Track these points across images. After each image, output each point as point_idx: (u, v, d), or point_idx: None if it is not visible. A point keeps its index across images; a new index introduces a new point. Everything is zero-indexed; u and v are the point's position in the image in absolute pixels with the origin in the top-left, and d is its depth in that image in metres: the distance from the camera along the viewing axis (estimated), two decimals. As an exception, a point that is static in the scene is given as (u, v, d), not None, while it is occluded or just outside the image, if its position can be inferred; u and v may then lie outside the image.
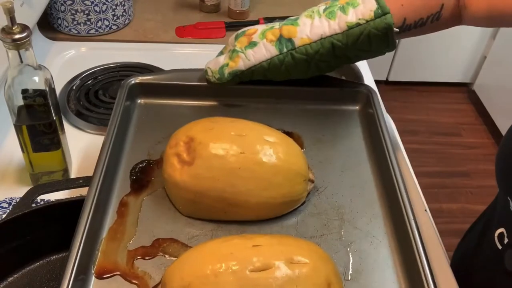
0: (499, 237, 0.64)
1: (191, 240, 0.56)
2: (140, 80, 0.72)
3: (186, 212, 0.58)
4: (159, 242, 0.55)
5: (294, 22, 0.67)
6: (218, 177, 0.55)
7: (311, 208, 0.60)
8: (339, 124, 0.72)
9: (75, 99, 0.93)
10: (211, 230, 0.57)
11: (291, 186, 0.58)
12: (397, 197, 0.59)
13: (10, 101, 0.65)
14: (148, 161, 0.64)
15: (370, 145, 0.69)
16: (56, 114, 0.69)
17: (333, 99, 0.74)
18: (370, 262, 0.55)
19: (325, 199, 0.61)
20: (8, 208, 0.70)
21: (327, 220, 0.59)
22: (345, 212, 0.60)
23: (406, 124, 2.50)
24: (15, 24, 0.61)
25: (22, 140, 0.69)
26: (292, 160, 0.58)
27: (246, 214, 0.58)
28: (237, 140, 0.57)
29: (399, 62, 2.63)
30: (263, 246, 0.49)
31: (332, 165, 0.66)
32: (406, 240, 0.55)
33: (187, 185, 0.56)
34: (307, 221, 0.59)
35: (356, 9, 0.64)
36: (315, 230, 0.58)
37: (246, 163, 0.56)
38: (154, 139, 0.67)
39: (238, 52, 0.68)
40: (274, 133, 0.60)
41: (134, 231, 0.56)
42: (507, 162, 0.62)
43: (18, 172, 0.77)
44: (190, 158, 0.56)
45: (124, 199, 0.59)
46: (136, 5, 1.24)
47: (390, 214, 0.60)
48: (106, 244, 0.54)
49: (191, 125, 0.61)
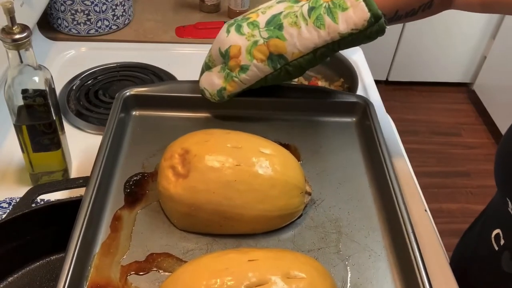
0: (495, 238, 0.64)
1: (186, 254, 0.55)
2: (135, 92, 0.71)
3: (181, 226, 0.57)
4: (153, 256, 0.54)
5: (279, 35, 0.62)
6: (214, 190, 0.55)
7: (308, 221, 0.59)
8: (336, 136, 0.71)
9: (75, 99, 0.93)
10: (207, 244, 0.56)
11: (288, 199, 0.57)
12: (395, 210, 0.58)
13: (10, 101, 0.65)
14: (142, 174, 0.63)
15: (368, 157, 0.68)
16: (56, 114, 0.69)
17: (330, 110, 0.74)
18: (368, 277, 0.54)
19: (322, 212, 0.61)
20: (8, 208, 0.70)
21: (325, 233, 0.58)
22: (342, 225, 0.59)
23: (406, 124, 2.50)
24: (15, 24, 0.61)
25: (22, 140, 0.69)
26: (289, 173, 0.57)
27: (242, 227, 0.57)
28: (233, 152, 0.56)
29: (399, 62, 2.63)
30: (259, 261, 0.48)
31: (329, 177, 0.65)
32: (405, 254, 0.54)
33: (182, 198, 0.55)
34: (304, 234, 0.58)
35: (346, 15, 0.60)
36: (313, 243, 0.57)
37: (242, 175, 0.55)
38: (149, 152, 0.66)
39: (232, 77, 0.66)
40: (270, 145, 0.60)
41: (128, 246, 0.55)
42: (506, 162, 0.62)
43: (18, 172, 0.77)
44: (185, 171, 0.55)
45: (118, 213, 0.58)
46: (136, 5, 1.24)
47: (389, 227, 0.59)
48: (99, 259, 0.53)
49: (186, 137, 0.60)
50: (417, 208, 0.76)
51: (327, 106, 0.74)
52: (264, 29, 0.63)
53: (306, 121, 0.73)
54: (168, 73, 1.02)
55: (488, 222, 0.70)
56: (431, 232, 0.73)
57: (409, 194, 0.78)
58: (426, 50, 2.57)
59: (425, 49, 2.56)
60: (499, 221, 0.64)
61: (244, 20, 0.65)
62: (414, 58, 2.61)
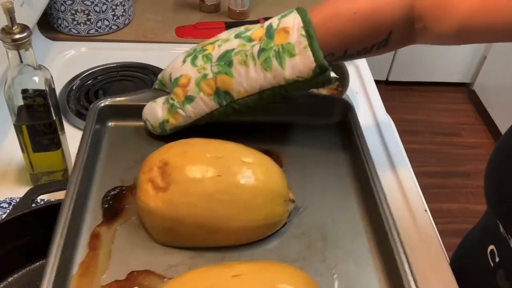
0: (491, 254, 0.64)
1: (168, 270, 0.53)
2: (109, 103, 0.69)
3: (162, 241, 0.55)
4: (134, 275, 0.52)
5: (228, 71, 0.61)
6: (195, 202, 0.53)
7: (293, 229, 0.58)
8: (318, 140, 0.70)
9: (75, 99, 0.93)
10: (190, 258, 0.54)
11: (272, 208, 0.55)
12: (379, 214, 0.57)
13: (10, 101, 0.65)
14: (121, 187, 0.61)
15: (350, 160, 0.67)
16: (56, 114, 0.69)
17: (311, 114, 0.72)
18: (355, 285, 0.53)
19: (306, 219, 0.59)
20: (8, 208, 0.70)
21: (310, 241, 0.57)
22: (328, 231, 0.58)
23: (406, 124, 2.50)
24: (15, 24, 0.61)
25: (22, 140, 0.69)
26: (271, 181, 0.56)
27: (226, 239, 0.55)
28: (213, 163, 0.55)
29: (399, 62, 2.63)
30: (244, 275, 0.46)
31: (312, 183, 0.63)
32: (390, 258, 0.53)
33: (162, 213, 0.53)
34: (290, 243, 0.57)
35: (293, 61, 0.59)
36: (298, 252, 0.56)
37: (224, 186, 0.53)
38: (127, 164, 0.63)
39: (176, 108, 0.64)
40: (251, 153, 0.58)
41: (108, 264, 0.53)
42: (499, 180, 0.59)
43: (18, 172, 0.77)
44: (165, 184, 0.54)
45: (96, 230, 0.56)
46: (136, 5, 1.24)
47: (374, 231, 0.58)
48: (78, 280, 0.51)
49: (165, 148, 0.58)
50: (417, 208, 0.76)
51: (308, 110, 0.72)
52: (216, 63, 0.63)
53: (287, 125, 0.71)
54: (168, 73, 1.02)
55: (484, 235, 0.69)
56: (431, 232, 0.73)
57: (409, 194, 0.78)
58: (426, 50, 2.57)
59: (425, 49, 2.56)
60: (493, 237, 0.63)
61: (201, 52, 0.65)
62: (414, 58, 2.61)
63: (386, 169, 0.82)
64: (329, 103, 0.73)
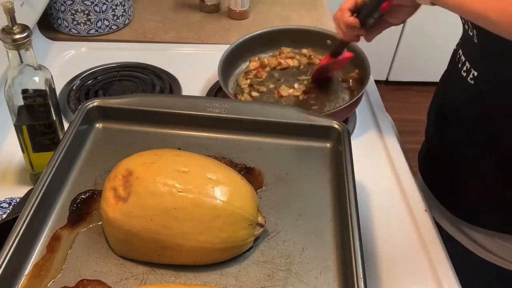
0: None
1: (118, 283, 0.51)
2: (98, 104, 0.68)
3: (119, 252, 0.54)
4: (83, 283, 0.50)
5: None
6: (151, 216, 0.51)
7: (257, 255, 0.55)
8: (306, 162, 0.66)
9: (75, 99, 0.93)
10: (143, 273, 0.53)
11: (233, 231, 0.53)
12: (350, 250, 0.52)
13: (10, 101, 0.65)
14: (92, 191, 0.59)
15: (335, 188, 0.63)
16: (56, 114, 0.69)
17: (303, 134, 0.69)
18: None
19: (274, 246, 0.56)
20: (8, 208, 0.70)
21: (272, 270, 0.53)
22: (294, 262, 0.54)
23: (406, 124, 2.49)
24: (15, 24, 0.61)
25: (22, 140, 0.69)
26: (236, 203, 0.53)
27: (181, 258, 0.53)
28: (177, 177, 0.53)
29: (399, 62, 2.63)
30: None
31: (289, 207, 0.60)
32: None
33: (118, 223, 0.52)
34: (250, 269, 0.53)
35: None
36: (257, 281, 0.52)
37: (183, 203, 0.51)
38: (104, 167, 0.62)
39: None
40: (221, 170, 0.56)
41: (60, 269, 0.52)
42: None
43: (18, 172, 0.77)
44: (126, 194, 0.52)
45: (58, 232, 0.55)
46: (136, 5, 1.24)
47: (342, 268, 0.53)
48: (28, 281, 0.50)
49: (135, 156, 0.57)
50: (417, 208, 0.76)
51: (301, 129, 0.69)
52: None
53: (277, 144, 0.69)
54: (168, 73, 1.02)
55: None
56: (432, 232, 0.73)
57: (409, 194, 0.78)
58: (426, 50, 2.56)
59: (425, 49, 2.56)
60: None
61: None
62: (414, 58, 2.61)
63: (386, 169, 0.82)
64: (324, 124, 0.69)
